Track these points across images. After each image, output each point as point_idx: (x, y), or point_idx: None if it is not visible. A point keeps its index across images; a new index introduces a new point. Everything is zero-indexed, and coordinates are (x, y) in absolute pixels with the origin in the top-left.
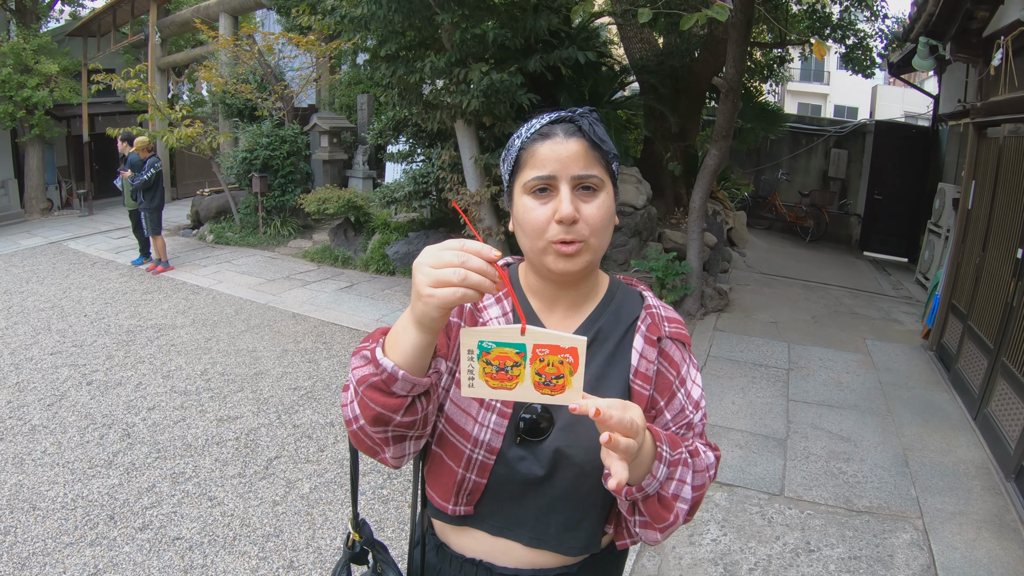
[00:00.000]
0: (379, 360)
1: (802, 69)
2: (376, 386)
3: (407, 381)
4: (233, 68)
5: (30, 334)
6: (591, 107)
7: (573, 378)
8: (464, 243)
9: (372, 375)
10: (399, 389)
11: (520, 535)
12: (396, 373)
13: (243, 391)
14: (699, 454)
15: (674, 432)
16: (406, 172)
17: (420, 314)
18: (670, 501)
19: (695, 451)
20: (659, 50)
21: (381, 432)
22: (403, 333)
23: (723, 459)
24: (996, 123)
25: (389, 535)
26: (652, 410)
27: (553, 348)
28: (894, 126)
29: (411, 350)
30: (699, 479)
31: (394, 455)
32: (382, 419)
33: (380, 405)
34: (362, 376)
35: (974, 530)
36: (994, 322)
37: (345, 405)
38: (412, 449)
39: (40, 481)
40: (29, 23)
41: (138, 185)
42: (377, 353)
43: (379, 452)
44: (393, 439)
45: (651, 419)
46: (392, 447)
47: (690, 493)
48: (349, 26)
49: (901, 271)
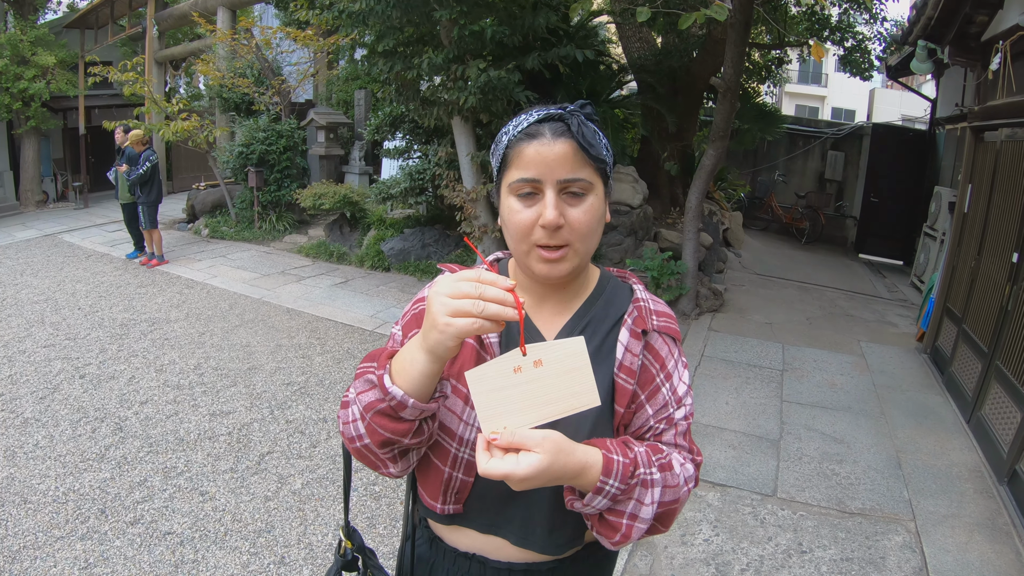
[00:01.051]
0: (388, 388)
1: (800, 71)
2: (384, 412)
3: (416, 408)
4: (230, 62)
5: (23, 327)
6: (585, 100)
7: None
8: (481, 274)
9: (380, 401)
10: (408, 415)
11: (508, 533)
12: (406, 401)
13: (236, 386)
14: (671, 468)
15: (653, 427)
16: (402, 168)
17: (434, 343)
18: (617, 523)
19: (667, 465)
20: (657, 50)
21: (388, 452)
22: (412, 361)
23: (716, 459)
24: (993, 127)
25: (381, 531)
26: (633, 404)
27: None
28: (891, 129)
29: (420, 378)
30: (669, 495)
31: (400, 469)
32: (391, 442)
33: (389, 431)
34: (369, 402)
35: (966, 533)
36: (989, 325)
37: (347, 423)
38: (414, 460)
39: (31, 474)
40: (26, 14)
41: (135, 180)
42: (386, 381)
43: (383, 468)
44: (400, 455)
45: (632, 414)
46: (399, 462)
47: (651, 512)
48: (347, 21)
49: (896, 274)
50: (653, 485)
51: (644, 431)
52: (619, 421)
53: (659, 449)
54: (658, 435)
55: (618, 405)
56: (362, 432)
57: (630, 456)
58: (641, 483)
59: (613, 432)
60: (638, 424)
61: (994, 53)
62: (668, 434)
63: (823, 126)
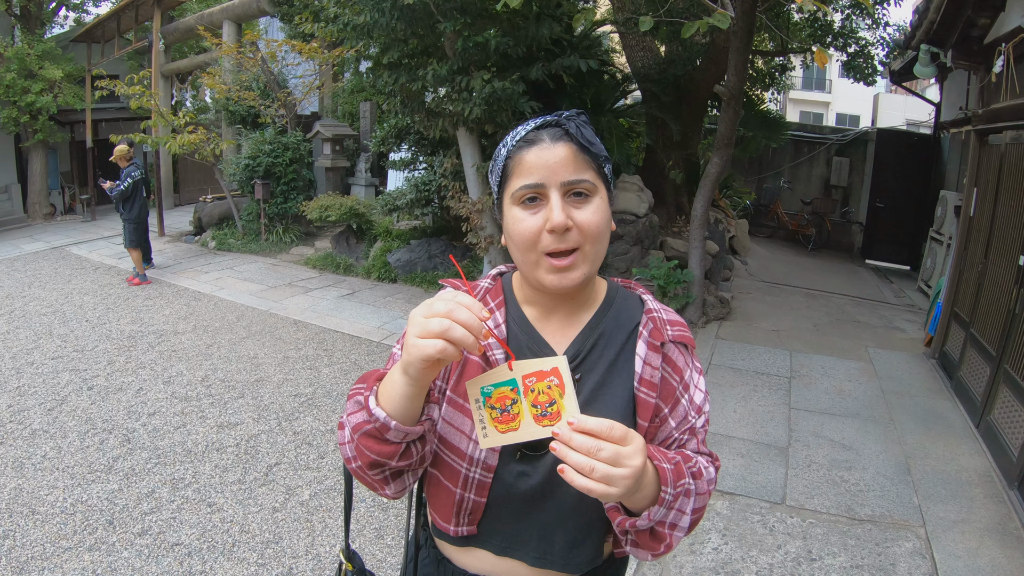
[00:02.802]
0: (372, 409)
1: (804, 77)
2: (370, 434)
3: (399, 431)
4: (236, 75)
5: (31, 338)
6: (579, 110)
7: (564, 401)
8: (458, 295)
9: (366, 423)
10: (392, 437)
11: (524, 554)
12: (388, 423)
13: (244, 397)
14: (701, 475)
15: (677, 438)
16: (408, 180)
17: (406, 363)
18: (664, 534)
19: (698, 472)
20: (661, 58)
21: (379, 474)
22: (394, 383)
23: (725, 468)
24: (998, 130)
25: (389, 543)
26: (657, 418)
27: (538, 374)
28: (896, 134)
29: (401, 400)
30: (700, 501)
31: (395, 491)
32: (378, 464)
33: (375, 452)
34: (357, 423)
35: (977, 538)
36: (997, 330)
37: (342, 444)
38: (411, 481)
39: (39, 485)
40: (34, 28)
41: (116, 197)
42: (370, 402)
43: (379, 489)
44: (392, 477)
45: (656, 428)
46: (392, 484)
47: (688, 520)
48: (352, 34)
49: (903, 279)
50: (691, 494)
51: (668, 443)
52: (642, 435)
53: (688, 456)
54: (682, 445)
55: (641, 419)
56: (353, 455)
57: (673, 463)
58: (684, 492)
59: None
60: (661, 437)
61: (997, 56)
62: (691, 443)
63: (828, 132)
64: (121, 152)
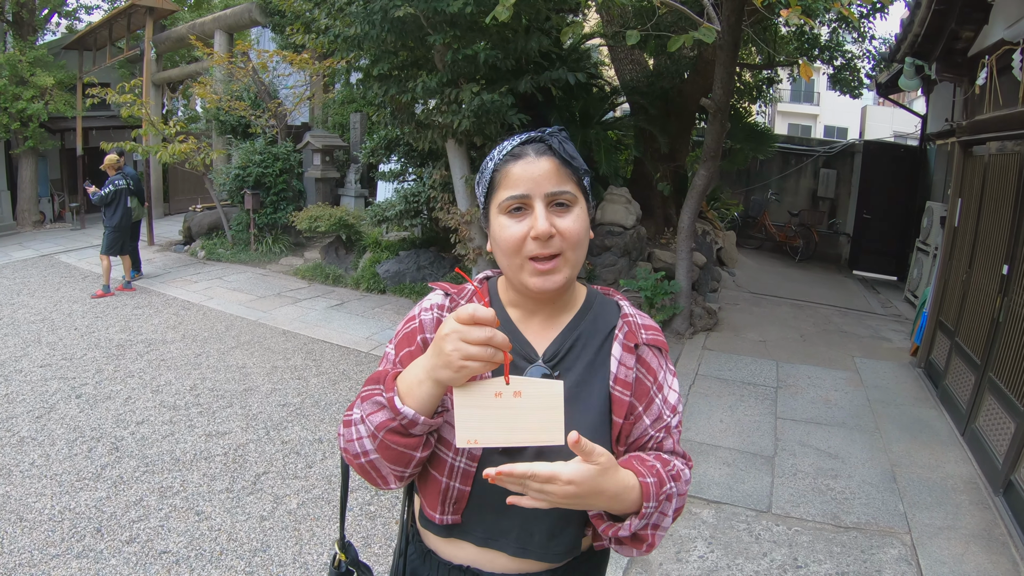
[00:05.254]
0: (400, 409)
1: (792, 90)
2: (396, 430)
3: (426, 424)
4: (227, 85)
5: (20, 346)
6: (560, 127)
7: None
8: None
9: (391, 420)
10: (417, 431)
11: (505, 545)
12: (417, 419)
13: (232, 407)
14: (680, 477)
15: (654, 435)
16: (397, 191)
17: (447, 379)
18: (646, 535)
19: (676, 475)
20: (649, 72)
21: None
22: (420, 386)
23: (711, 477)
24: (981, 141)
25: (376, 551)
26: (631, 416)
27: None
28: (883, 146)
29: (428, 399)
30: (679, 501)
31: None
32: (403, 456)
33: (402, 446)
34: (381, 422)
35: (962, 545)
36: (981, 338)
37: (351, 440)
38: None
39: (27, 493)
40: (25, 35)
41: (96, 201)
42: (397, 402)
43: (383, 483)
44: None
45: (631, 425)
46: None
47: (670, 521)
48: (343, 45)
49: (890, 289)
50: (672, 498)
51: (645, 440)
52: (617, 432)
53: (667, 460)
54: (659, 443)
55: (616, 416)
56: (369, 448)
57: (655, 474)
58: (667, 497)
59: (611, 443)
60: (637, 434)
61: (980, 68)
62: (668, 442)
63: (815, 144)
64: (111, 161)
